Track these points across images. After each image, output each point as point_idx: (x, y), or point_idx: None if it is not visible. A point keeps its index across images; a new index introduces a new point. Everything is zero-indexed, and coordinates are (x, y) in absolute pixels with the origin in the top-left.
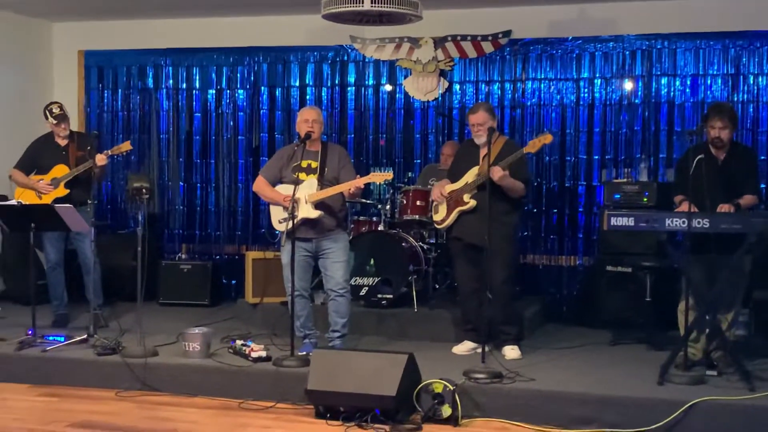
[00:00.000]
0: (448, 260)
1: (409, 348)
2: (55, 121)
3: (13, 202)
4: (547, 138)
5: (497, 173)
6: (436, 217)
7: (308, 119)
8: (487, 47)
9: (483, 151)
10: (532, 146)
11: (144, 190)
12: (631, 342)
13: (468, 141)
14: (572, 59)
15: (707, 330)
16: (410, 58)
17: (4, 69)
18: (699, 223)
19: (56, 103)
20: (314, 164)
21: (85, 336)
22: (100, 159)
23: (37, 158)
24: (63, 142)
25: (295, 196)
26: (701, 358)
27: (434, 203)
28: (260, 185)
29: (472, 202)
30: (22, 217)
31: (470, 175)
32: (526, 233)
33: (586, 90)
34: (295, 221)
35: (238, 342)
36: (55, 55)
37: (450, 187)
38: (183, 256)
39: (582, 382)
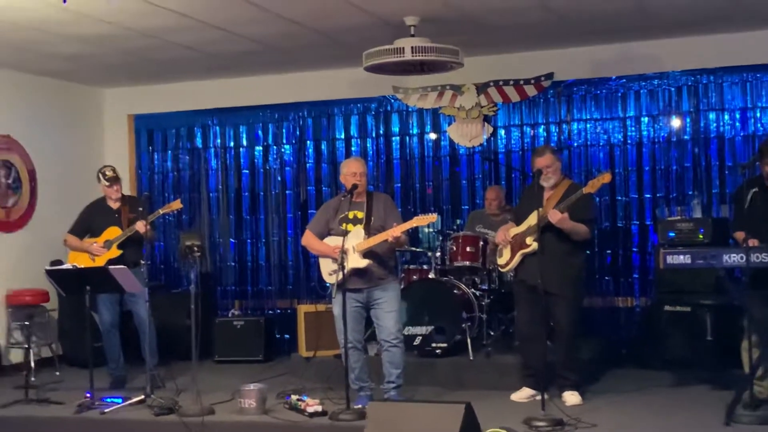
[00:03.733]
0: (502, 306)
1: (466, 397)
2: (107, 183)
3: (68, 266)
4: (606, 177)
5: (555, 216)
6: (500, 261)
7: (356, 172)
8: (530, 90)
9: (547, 194)
10: (591, 186)
11: (195, 248)
12: (694, 383)
13: (532, 183)
14: (617, 98)
15: None
16: (453, 105)
17: (58, 135)
18: (758, 257)
19: (109, 166)
20: (360, 214)
21: (142, 397)
22: (140, 226)
23: (90, 222)
24: (115, 205)
25: (344, 247)
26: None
27: (499, 247)
28: (309, 239)
29: (535, 245)
30: (76, 281)
31: (533, 218)
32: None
33: (633, 128)
34: (345, 272)
35: (294, 397)
36: (106, 120)
37: (514, 230)
38: (236, 313)
39: (645, 426)
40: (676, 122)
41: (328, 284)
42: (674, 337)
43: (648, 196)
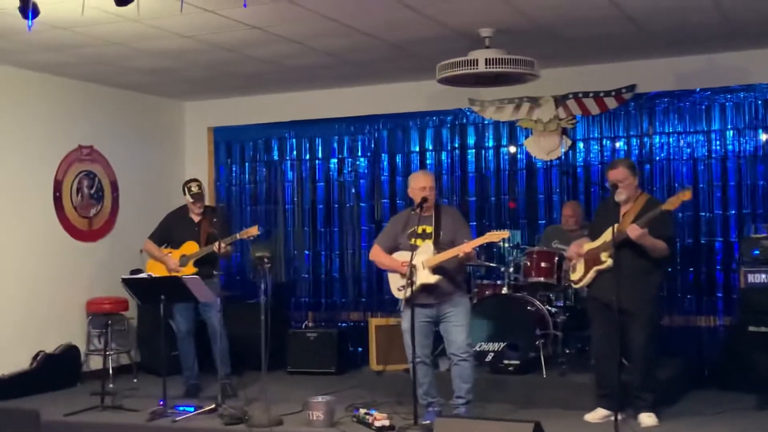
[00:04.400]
0: (578, 324)
1: (538, 416)
2: (192, 200)
3: (144, 275)
4: (687, 194)
5: (635, 231)
6: (573, 276)
7: (425, 186)
8: (611, 103)
9: (624, 209)
10: (671, 203)
11: (266, 260)
12: None
13: (608, 198)
14: (701, 111)
15: None
16: (530, 118)
17: (139, 147)
18: None
19: (196, 181)
20: (429, 229)
21: (213, 406)
22: (217, 247)
23: (170, 231)
24: (197, 219)
25: (413, 262)
26: None
27: (572, 262)
28: (377, 253)
29: (609, 261)
30: (152, 290)
31: (609, 234)
32: (661, 294)
33: (717, 142)
34: (414, 288)
35: (362, 411)
36: (187, 133)
37: (588, 246)
38: (309, 324)
39: None
40: (763, 136)
41: (397, 299)
42: (759, 358)
43: (733, 212)
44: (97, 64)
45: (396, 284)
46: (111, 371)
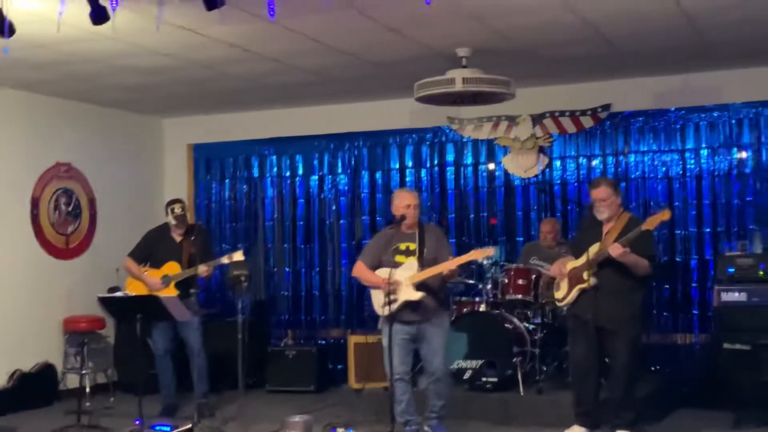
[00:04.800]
0: (555, 341)
1: None
2: (174, 222)
3: (120, 294)
4: (666, 215)
5: (617, 250)
6: (557, 295)
7: (409, 204)
8: (587, 122)
9: (606, 227)
10: (650, 223)
11: (243, 278)
12: (755, 424)
13: (590, 216)
14: (676, 130)
15: None
16: (508, 136)
17: (118, 164)
18: None
19: (179, 202)
20: (413, 246)
21: (189, 426)
22: (203, 271)
23: (152, 250)
24: (179, 238)
25: (396, 279)
26: None
27: (556, 280)
28: (360, 270)
29: (592, 280)
30: (128, 308)
31: (591, 252)
32: (645, 312)
33: (692, 161)
34: (397, 304)
35: (340, 430)
36: (166, 150)
37: (571, 264)
38: (289, 342)
39: None
40: (737, 155)
41: (379, 316)
42: (734, 376)
43: (708, 230)
44: (74, 81)
45: (379, 301)
46: (88, 390)
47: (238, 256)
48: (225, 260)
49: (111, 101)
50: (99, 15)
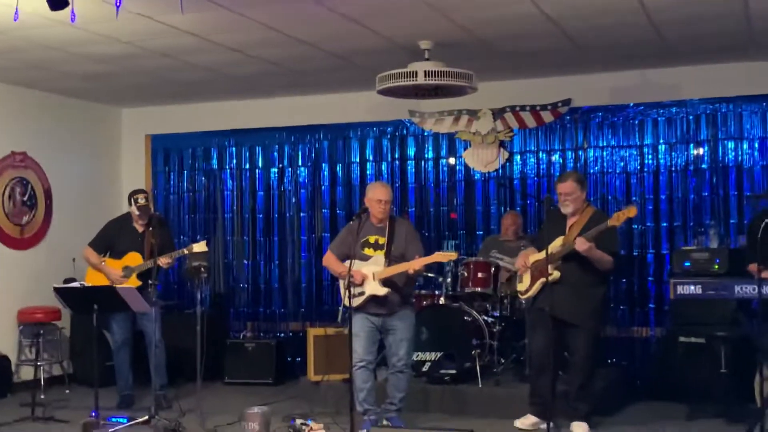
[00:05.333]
0: (514, 333)
1: (474, 425)
2: (138, 212)
3: (76, 284)
4: (632, 211)
5: (583, 245)
6: (520, 287)
7: (381, 200)
8: (547, 116)
9: (570, 221)
10: (616, 219)
11: (202, 269)
12: (708, 416)
13: (555, 209)
14: (634, 126)
15: None
16: (469, 130)
17: (75, 154)
18: None
19: (143, 193)
20: (382, 240)
21: (146, 417)
22: (165, 262)
23: (113, 240)
24: (140, 229)
25: (363, 273)
26: None
27: (518, 273)
28: (329, 260)
29: (556, 273)
30: (84, 299)
31: (554, 245)
32: (606, 306)
33: (650, 156)
34: (363, 298)
35: (298, 421)
36: (123, 140)
37: (534, 257)
38: (248, 335)
39: None
40: (694, 150)
41: (345, 308)
42: (689, 368)
43: (665, 225)
44: (31, 68)
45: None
46: (42, 382)
47: (201, 246)
48: (187, 251)
49: (68, 90)
50: (57, 1)
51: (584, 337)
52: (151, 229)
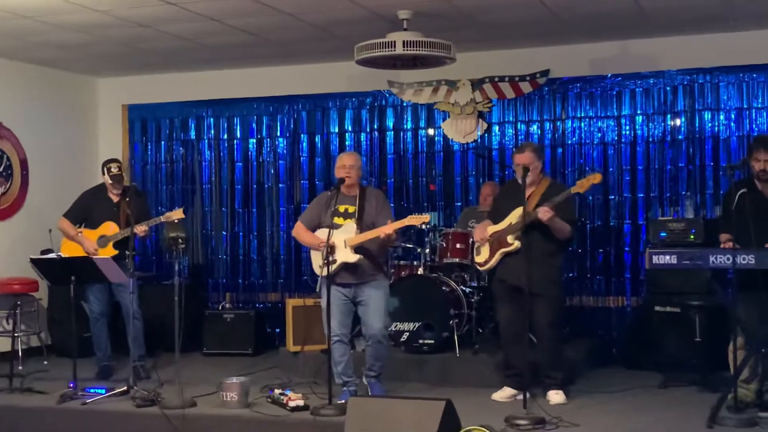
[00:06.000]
0: (491, 303)
1: (453, 394)
2: (111, 181)
3: (53, 255)
4: (597, 178)
5: (546, 214)
6: (479, 259)
7: (345, 165)
8: (526, 87)
9: (528, 192)
10: (580, 186)
11: (180, 240)
12: (683, 384)
13: (511, 181)
14: (612, 97)
15: (759, 370)
16: (448, 101)
17: (51, 124)
18: (744, 259)
19: (116, 162)
20: (352, 209)
21: (125, 388)
22: (141, 230)
23: (88, 211)
24: (116, 199)
25: (334, 241)
26: (754, 400)
27: (476, 245)
28: (299, 230)
29: (516, 244)
30: (61, 270)
31: (514, 216)
32: (572, 274)
33: (627, 127)
34: (335, 266)
35: (277, 391)
36: (100, 110)
37: (492, 229)
38: (227, 305)
39: (628, 427)
40: (671, 121)
41: (318, 277)
42: (663, 337)
43: (641, 195)
44: (6, 38)
45: (318, 262)
46: (20, 353)
47: (178, 214)
48: (164, 218)
49: (44, 59)
50: None
51: (547, 305)
52: (128, 199)
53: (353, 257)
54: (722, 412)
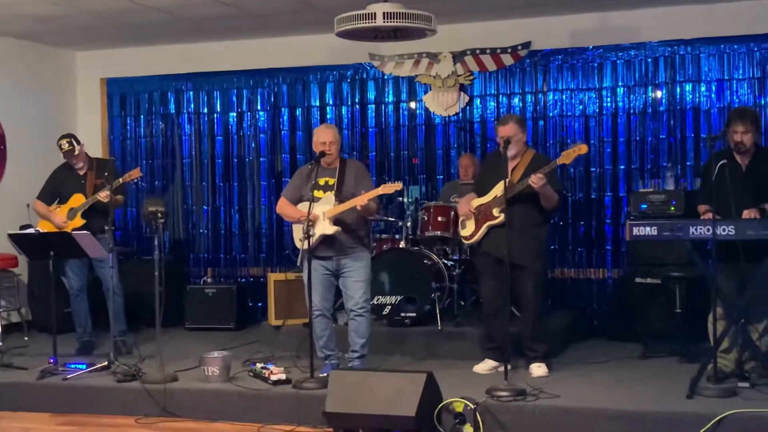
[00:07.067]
0: (473, 276)
1: (435, 367)
2: (64, 159)
3: (31, 230)
4: (582, 149)
5: (540, 180)
6: (464, 233)
7: (325, 141)
8: (507, 59)
9: (512, 164)
10: (566, 157)
11: (159, 214)
12: (663, 355)
13: (494, 153)
14: (594, 68)
15: (739, 341)
16: (429, 74)
17: (29, 98)
18: (724, 230)
19: (65, 138)
20: (332, 181)
21: (106, 363)
22: (103, 196)
23: (58, 187)
24: (82, 171)
25: (314, 213)
26: (733, 370)
27: (461, 218)
28: (282, 205)
29: (502, 217)
30: (40, 246)
31: (499, 189)
32: (553, 247)
33: (608, 99)
34: (314, 238)
35: (258, 365)
36: (78, 84)
37: (477, 201)
38: (209, 280)
39: (609, 398)
40: (652, 93)
41: (299, 251)
42: (644, 309)
43: (622, 167)
44: None
45: (299, 235)
46: (0, 329)
47: (135, 173)
48: (123, 179)
49: (21, 32)
50: None
51: (531, 277)
52: (95, 170)
53: (331, 229)
54: (702, 383)
